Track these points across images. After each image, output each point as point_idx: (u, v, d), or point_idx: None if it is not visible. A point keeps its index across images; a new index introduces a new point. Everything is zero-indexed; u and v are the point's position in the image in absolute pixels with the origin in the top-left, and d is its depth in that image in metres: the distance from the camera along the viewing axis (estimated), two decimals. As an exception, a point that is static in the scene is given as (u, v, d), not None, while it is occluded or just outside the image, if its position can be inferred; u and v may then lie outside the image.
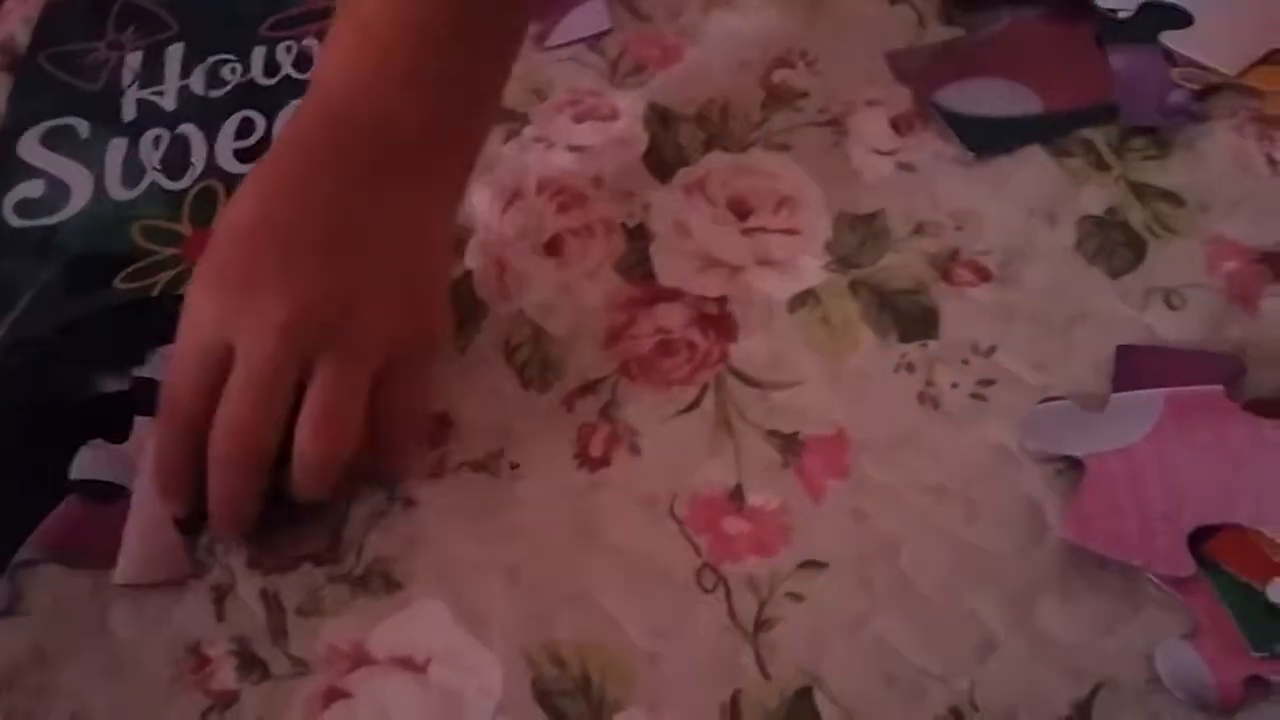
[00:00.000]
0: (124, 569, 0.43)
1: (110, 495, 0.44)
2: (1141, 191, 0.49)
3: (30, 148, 0.55)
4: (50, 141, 0.55)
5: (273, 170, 0.44)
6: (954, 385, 0.44)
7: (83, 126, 0.56)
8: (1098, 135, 0.50)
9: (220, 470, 0.41)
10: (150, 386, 0.45)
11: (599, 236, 0.50)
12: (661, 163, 0.52)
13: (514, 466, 0.45)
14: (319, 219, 0.42)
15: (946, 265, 0.47)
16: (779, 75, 0.54)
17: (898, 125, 0.52)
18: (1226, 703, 0.37)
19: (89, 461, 0.45)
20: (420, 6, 0.44)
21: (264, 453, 0.41)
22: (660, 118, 0.53)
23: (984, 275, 0.47)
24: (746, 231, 0.49)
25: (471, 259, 0.50)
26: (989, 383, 0.44)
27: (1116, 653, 0.38)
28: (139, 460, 0.45)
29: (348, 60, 0.45)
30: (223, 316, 0.41)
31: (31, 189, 0.54)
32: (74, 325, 0.49)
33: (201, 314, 0.42)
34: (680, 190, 0.51)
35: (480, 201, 0.52)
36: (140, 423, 0.46)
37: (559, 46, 0.56)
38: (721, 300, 0.48)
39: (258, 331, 0.40)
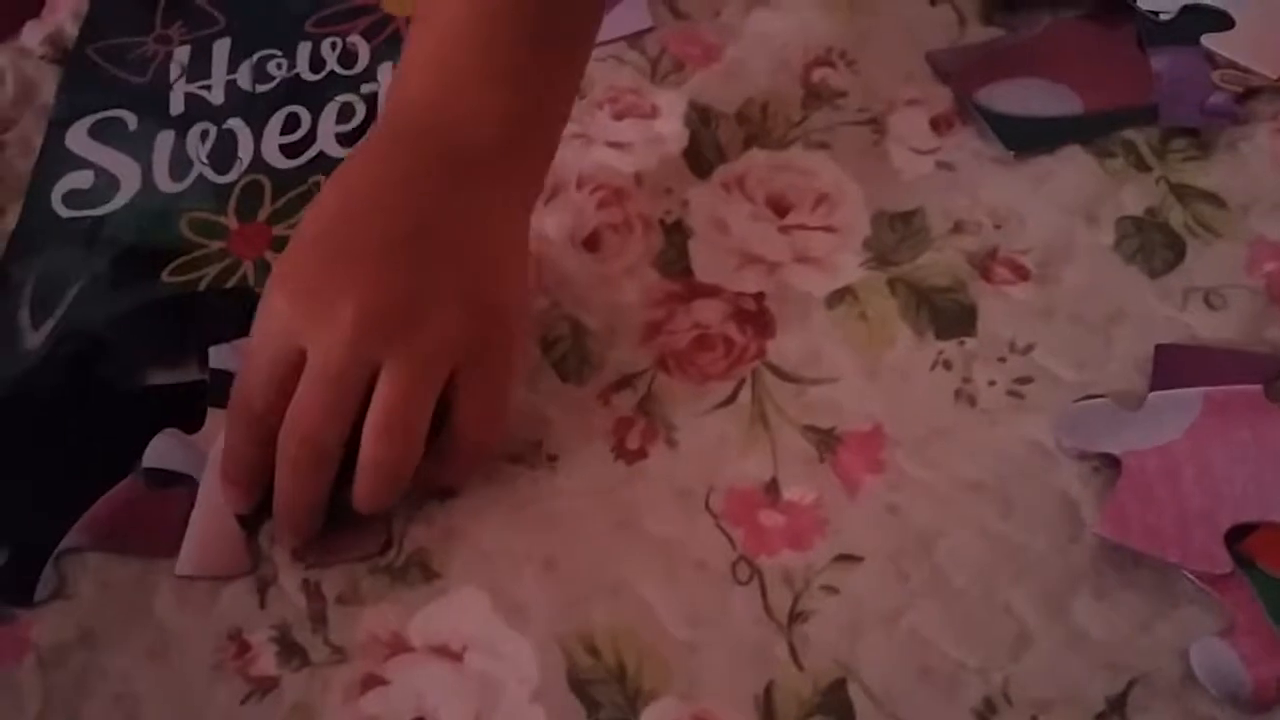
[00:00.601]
0: (186, 561, 0.44)
1: (169, 483, 0.45)
2: (1182, 192, 0.49)
3: (79, 139, 0.56)
4: (98, 133, 0.56)
5: (352, 176, 0.45)
6: (991, 383, 0.45)
7: (131, 119, 0.57)
8: (1138, 136, 0.50)
9: (287, 471, 0.42)
10: (224, 379, 0.46)
11: (637, 232, 0.51)
12: (701, 160, 0.52)
13: (551, 458, 0.45)
14: (393, 225, 0.42)
15: (985, 263, 0.47)
16: (819, 74, 0.54)
17: (937, 124, 0.52)
18: (1262, 700, 0.37)
19: (161, 449, 0.46)
20: (498, 4, 0.45)
21: (329, 454, 0.41)
22: (700, 115, 0.54)
23: (1023, 274, 0.47)
24: (785, 229, 0.50)
25: (511, 254, 0.51)
26: (1026, 380, 0.44)
27: (1152, 649, 0.38)
28: (210, 452, 0.45)
29: (429, 64, 0.45)
30: (295, 319, 0.41)
31: (80, 180, 0.55)
32: (122, 317, 0.50)
33: (275, 316, 0.42)
34: (719, 187, 0.51)
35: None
36: (213, 415, 0.46)
37: (600, 45, 0.57)
38: (759, 296, 0.48)
39: (327, 335, 0.41)
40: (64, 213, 0.54)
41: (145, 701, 0.41)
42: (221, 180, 0.54)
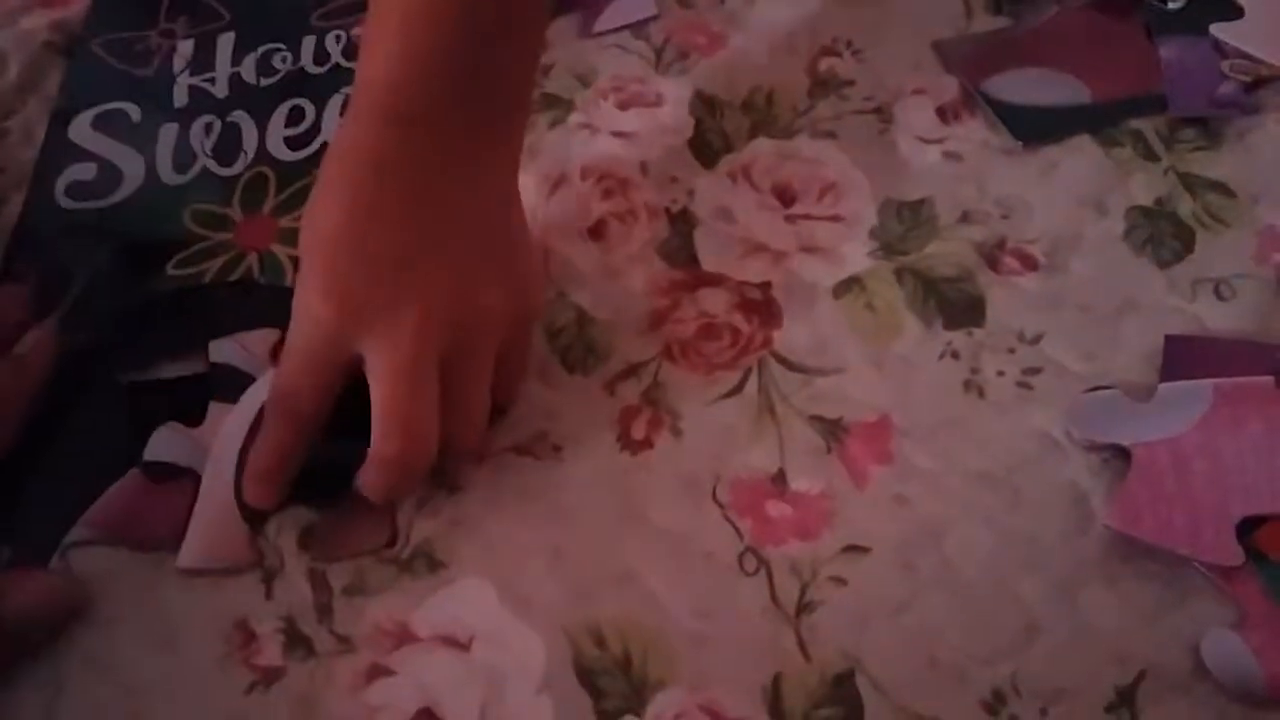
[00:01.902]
0: (188, 553, 0.43)
1: (172, 476, 0.45)
2: (1191, 182, 0.48)
3: (82, 131, 0.56)
4: (102, 125, 0.56)
5: (345, 176, 0.44)
6: (1000, 373, 0.44)
7: (134, 111, 0.56)
8: (1147, 126, 0.50)
9: (393, 473, 0.43)
10: (226, 372, 0.46)
11: (642, 221, 0.51)
12: (706, 149, 0.52)
13: (557, 449, 0.45)
14: (413, 221, 0.43)
15: (993, 253, 0.47)
16: (825, 63, 0.54)
17: (944, 114, 0.51)
18: (1274, 693, 0.37)
19: (163, 442, 0.45)
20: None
21: (433, 450, 0.43)
22: (706, 104, 0.53)
23: (1031, 264, 0.47)
24: (791, 218, 0.50)
25: (516, 244, 0.51)
26: (1035, 371, 0.44)
27: (1162, 641, 0.38)
28: (212, 445, 0.45)
29: (392, 57, 0.45)
30: (348, 326, 0.42)
31: (84, 171, 0.54)
32: (127, 311, 0.50)
33: (322, 324, 0.42)
34: (725, 176, 0.51)
35: (524, 187, 0.52)
36: (214, 408, 0.46)
37: (604, 33, 0.57)
38: (765, 286, 0.48)
39: (396, 338, 0.42)
40: (67, 205, 0.53)
41: (152, 692, 0.41)
42: (225, 173, 0.54)
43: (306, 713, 0.40)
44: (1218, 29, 0.52)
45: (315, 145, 0.54)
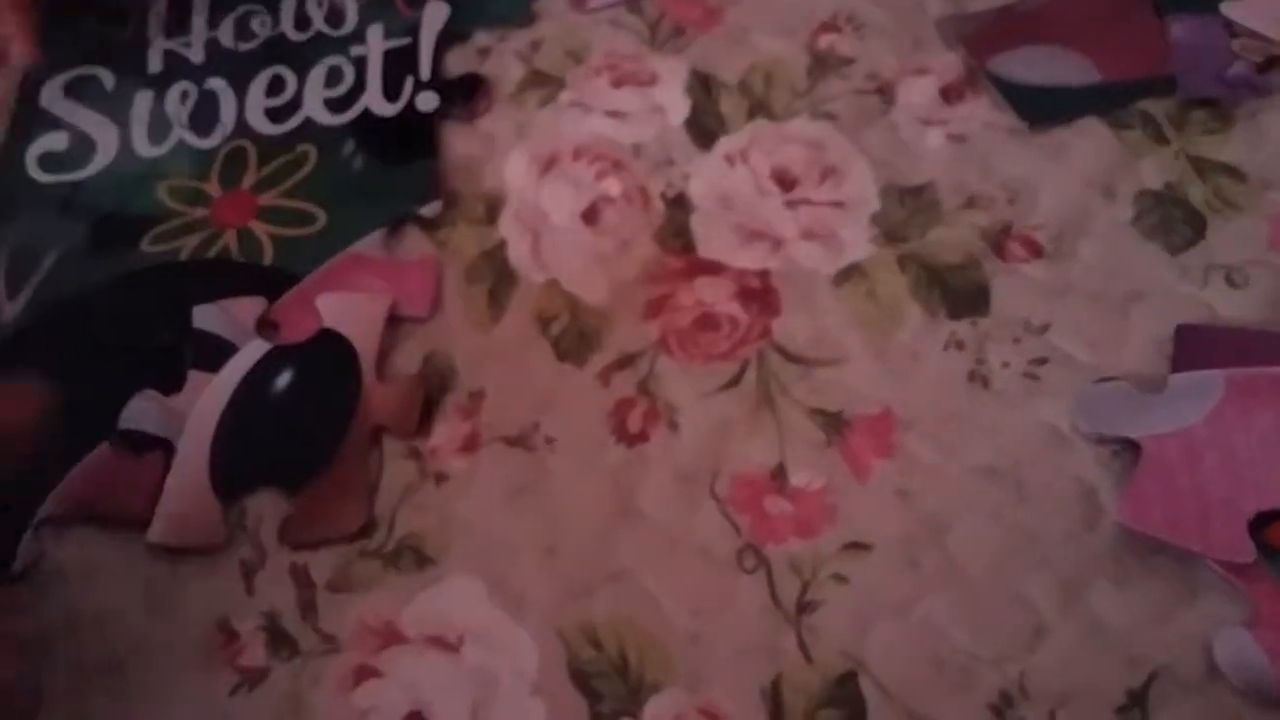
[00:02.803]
0: (159, 528, 0.42)
1: (145, 447, 0.43)
2: (1201, 166, 0.47)
3: (53, 98, 0.54)
4: (74, 91, 0.54)
5: None
6: (1005, 364, 0.43)
7: (108, 78, 0.54)
8: (1156, 107, 0.48)
9: None
10: (207, 340, 0.45)
11: (637, 206, 0.49)
12: (703, 130, 0.51)
13: (549, 440, 0.44)
14: None
15: (999, 239, 0.46)
16: (825, 40, 0.52)
17: (947, 94, 0.50)
18: (1288, 695, 0.36)
19: (139, 411, 0.44)
20: None
21: None
22: (702, 84, 0.52)
23: (1037, 251, 0.45)
24: (791, 203, 0.48)
25: (505, 228, 0.49)
26: (1042, 361, 0.43)
27: (1173, 640, 0.37)
28: (188, 415, 0.44)
29: None
30: None
31: (55, 141, 0.52)
32: (101, 287, 0.48)
33: None
34: (722, 159, 0.50)
35: (515, 168, 0.50)
36: (193, 377, 0.45)
37: (596, 9, 0.55)
38: (764, 274, 0.46)
39: None
40: (40, 178, 0.51)
41: (134, 692, 0.40)
42: (203, 145, 0.52)
43: (293, 714, 0.39)
44: (1228, 8, 0.51)
45: (297, 119, 0.52)
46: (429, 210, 0.49)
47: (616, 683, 0.38)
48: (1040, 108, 0.48)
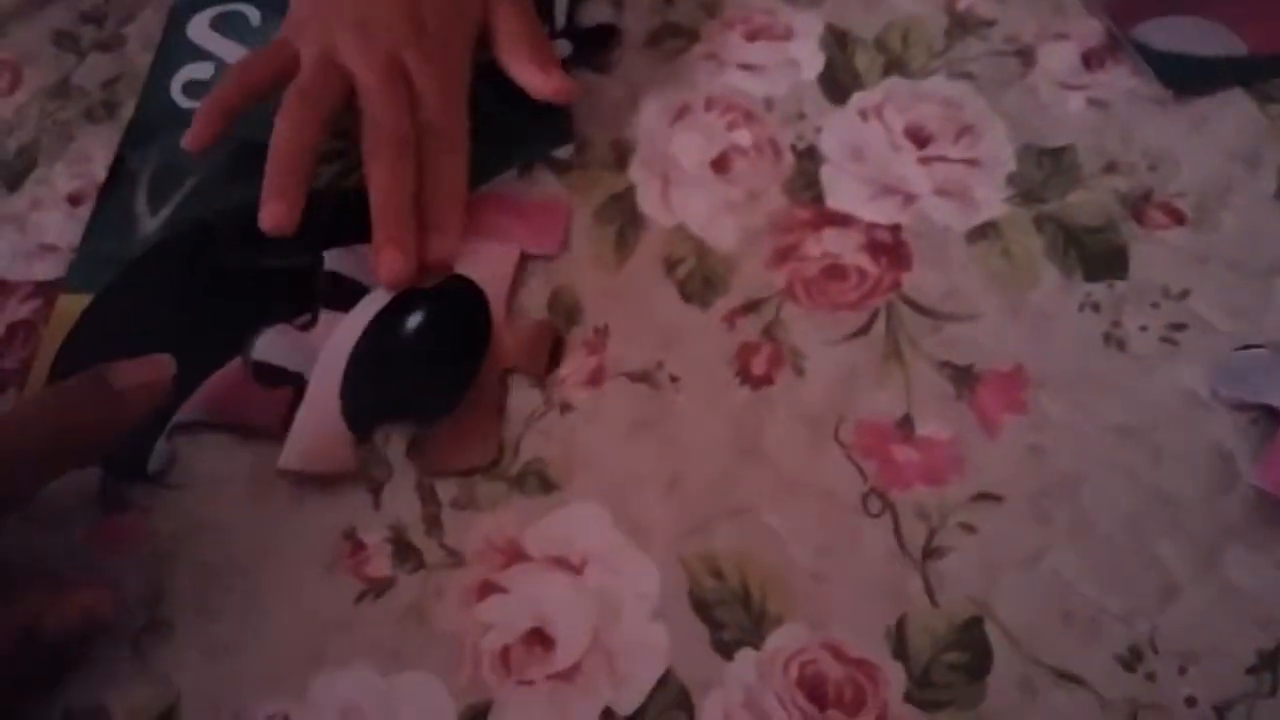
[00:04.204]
0: (290, 455, 0.43)
1: (277, 379, 0.44)
2: (1348, 142, 0.46)
3: (200, 30, 0.55)
4: (220, 26, 0.55)
5: None
6: (1142, 328, 0.43)
7: (253, 14, 0.55)
8: (1303, 83, 0.48)
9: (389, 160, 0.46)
10: (339, 282, 0.45)
11: (767, 156, 0.49)
12: (836, 86, 0.51)
13: (674, 379, 0.44)
14: None
15: (1138, 205, 0.45)
16: (964, 2, 0.52)
17: (1088, 60, 0.49)
18: None
19: (270, 344, 0.45)
20: None
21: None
22: (837, 40, 0.52)
23: (1178, 218, 0.45)
24: (924, 160, 0.48)
25: (635, 173, 0.49)
26: (1180, 327, 0.42)
27: (1309, 607, 0.37)
28: (321, 351, 0.45)
29: None
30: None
31: (200, 70, 0.54)
32: (237, 209, 0.49)
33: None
34: (855, 114, 0.50)
35: (646, 116, 0.51)
36: (325, 316, 0.46)
37: (733, -36, 0.55)
38: (895, 228, 0.46)
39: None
40: (183, 103, 0.53)
41: (260, 595, 0.41)
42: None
43: (417, 624, 0.39)
44: (1378, -11, 0.50)
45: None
46: (563, 152, 0.50)
47: (739, 612, 0.39)
48: (1184, 76, 0.48)
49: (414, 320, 0.45)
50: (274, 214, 0.44)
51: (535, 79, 0.49)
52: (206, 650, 0.40)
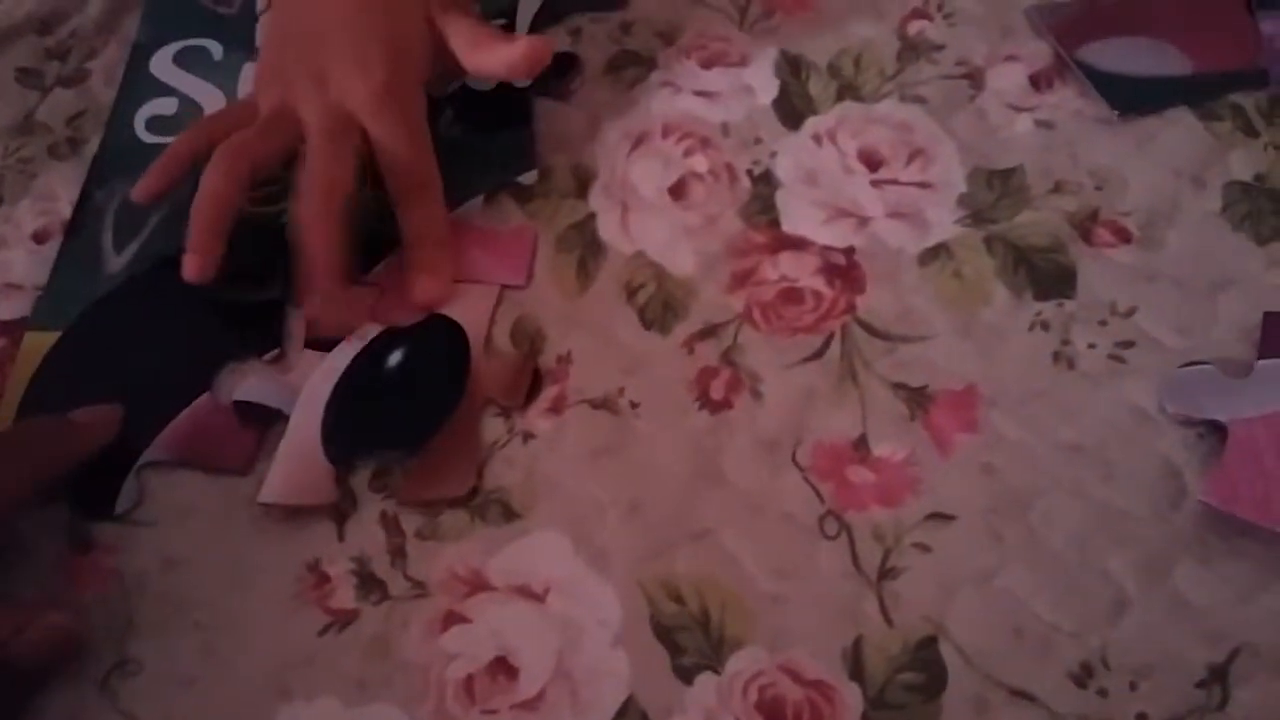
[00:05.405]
0: (270, 488, 0.43)
1: (257, 417, 0.45)
2: (1291, 159, 0.47)
3: (163, 66, 0.55)
4: (183, 61, 0.56)
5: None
6: (1091, 345, 0.43)
7: (216, 49, 0.56)
8: (1247, 100, 0.49)
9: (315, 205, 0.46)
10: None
11: (724, 182, 0.50)
12: (791, 111, 0.51)
13: (634, 405, 0.44)
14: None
15: (1086, 225, 0.46)
16: (915, 26, 0.53)
17: (1036, 82, 0.50)
18: (1373, 678, 0.36)
19: (255, 385, 0.45)
20: None
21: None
22: (791, 65, 0.53)
23: (1125, 236, 0.46)
24: (877, 183, 0.49)
25: (596, 200, 0.50)
26: (1128, 344, 0.43)
27: (1256, 619, 0.37)
28: (304, 388, 0.45)
29: None
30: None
31: (165, 106, 0.54)
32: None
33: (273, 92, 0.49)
34: (809, 139, 0.50)
35: (606, 143, 0.51)
36: (306, 355, 0.46)
37: (689, -8, 0.56)
38: (849, 251, 0.47)
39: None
40: (148, 139, 0.53)
41: (225, 630, 0.41)
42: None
43: (381, 655, 0.40)
44: (1320, 6, 0.51)
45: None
46: (527, 178, 0.50)
47: (699, 637, 0.39)
48: (1130, 97, 0.49)
49: (395, 357, 0.46)
50: (195, 267, 0.46)
51: (507, 54, 0.49)
52: (173, 685, 0.40)
